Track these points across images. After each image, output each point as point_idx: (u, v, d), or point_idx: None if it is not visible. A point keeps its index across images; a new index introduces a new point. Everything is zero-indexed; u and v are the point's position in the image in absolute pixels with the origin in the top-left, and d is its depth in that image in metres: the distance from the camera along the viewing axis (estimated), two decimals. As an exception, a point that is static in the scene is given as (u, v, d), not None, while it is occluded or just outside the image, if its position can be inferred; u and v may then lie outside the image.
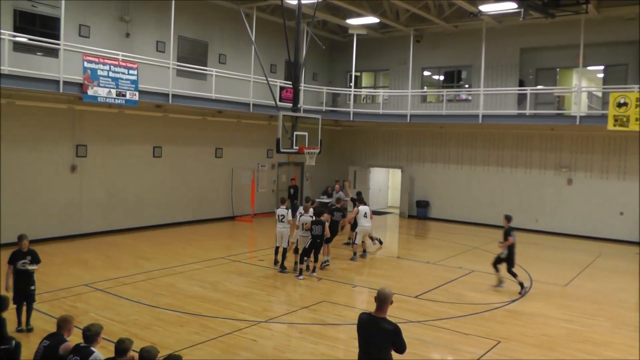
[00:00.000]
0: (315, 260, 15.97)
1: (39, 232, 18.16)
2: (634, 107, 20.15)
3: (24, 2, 17.72)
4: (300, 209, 17.03)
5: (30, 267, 10.67)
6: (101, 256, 17.21)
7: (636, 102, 20.12)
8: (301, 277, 15.47)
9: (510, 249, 15.11)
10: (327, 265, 16.79)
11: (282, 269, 16.08)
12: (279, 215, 16.48)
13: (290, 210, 16.70)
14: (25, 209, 17.90)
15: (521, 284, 14.86)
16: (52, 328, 7.43)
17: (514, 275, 15.02)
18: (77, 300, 12.64)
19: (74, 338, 7.28)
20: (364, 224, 18.30)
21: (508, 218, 15.62)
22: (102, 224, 20.60)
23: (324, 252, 16.54)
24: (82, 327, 6.98)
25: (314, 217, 15.99)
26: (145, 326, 11.07)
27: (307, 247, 15.78)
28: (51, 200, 18.91)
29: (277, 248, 16.56)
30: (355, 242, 18.40)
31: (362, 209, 18.42)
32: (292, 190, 26.16)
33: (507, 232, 15.14)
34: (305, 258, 15.95)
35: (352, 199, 20.24)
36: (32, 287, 10.74)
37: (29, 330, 10.53)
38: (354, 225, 18.84)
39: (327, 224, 16.10)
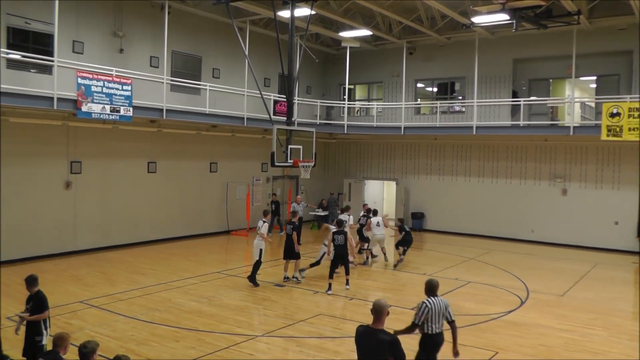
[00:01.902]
0: (347, 272, 16.10)
1: (33, 249, 18.12)
2: (627, 117, 20.24)
3: (17, 19, 17.73)
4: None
5: (21, 315, 8.90)
6: (96, 272, 17.14)
7: (628, 112, 20.23)
8: (330, 292, 15.40)
9: None
10: (296, 280, 16.77)
11: (254, 283, 16.02)
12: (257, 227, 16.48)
13: (267, 224, 16.45)
14: (19, 226, 17.81)
15: None
16: (48, 346, 7.38)
17: None
18: (72, 317, 12.57)
19: (71, 356, 7.24)
20: (377, 232, 19.14)
21: None
22: (97, 240, 20.53)
23: (295, 267, 16.82)
24: (78, 344, 6.94)
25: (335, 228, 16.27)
26: (141, 342, 11.01)
27: (333, 259, 15.90)
28: (45, 217, 18.84)
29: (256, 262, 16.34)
30: (370, 247, 19.58)
31: (375, 219, 19.27)
32: (273, 206, 25.92)
33: None
34: (337, 271, 16.18)
35: (364, 215, 20.40)
36: (38, 338, 8.82)
37: None
38: (363, 236, 19.75)
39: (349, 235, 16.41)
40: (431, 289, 8.47)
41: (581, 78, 25.54)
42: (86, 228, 20.16)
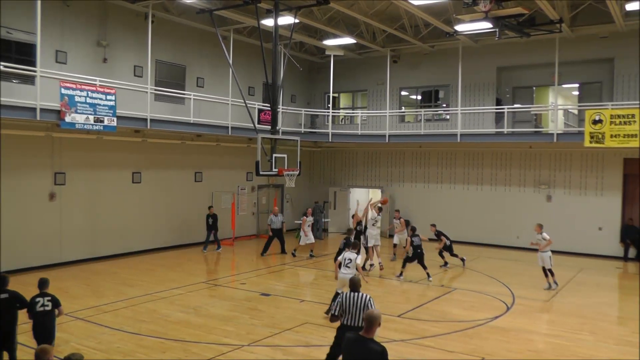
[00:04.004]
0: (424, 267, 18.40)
1: (18, 262, 17.91)
2: (609, 124, 20.43)
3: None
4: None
5: None
6: (82, 284, 17.00)
7: (610, 119, 20.41)
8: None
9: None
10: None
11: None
12: None
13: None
14: (3, 238, 17.60)
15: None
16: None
17: None
18: (57, 329, 12.38)
19: (55, 368, 7.16)
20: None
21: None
22: (82, 252, 20.35)
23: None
24: (62, 357, 6.86)
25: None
26: (127, 354, 10.93)
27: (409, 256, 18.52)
28: (30, 229, 18.65)
29: None
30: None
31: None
32: (210, 220, 23.39)
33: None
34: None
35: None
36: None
37: None
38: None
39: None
40: (351, 285, 9.09)
41: (564, 85, 25.76)
42: (71, 240, 20.00)
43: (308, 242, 22.43)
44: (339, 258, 13.87)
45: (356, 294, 8.78)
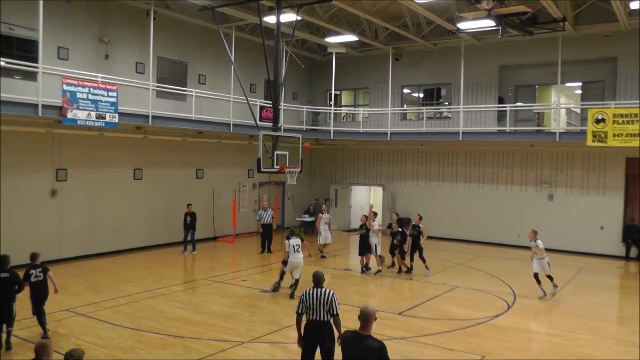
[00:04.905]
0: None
1: (19, 259, 17.80)
2: (612, 123, 20.39)
3: (1, 25, 17.59)
4: None
5: None
6: (82, 281, 17.02)
7: (613, 118, 20.38)
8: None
9: None
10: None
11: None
12: None
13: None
14: (4, 234, 17.58)
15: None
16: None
17: None
18: (58, 325, 12.47)
19: (55, 364, 7.15)
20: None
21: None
22: (82, 249, 20.39)
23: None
24: (63, 352, 6.85)
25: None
26: (127, 350, 10.94)
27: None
28: (31, 226, 18.66)
29: None
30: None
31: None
32: (188, 219, 22.19)
33: None
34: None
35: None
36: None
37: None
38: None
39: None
40: (314, 280, 8.96)
41: (567, 84, 25.69)
42: (72, 236, 20.02)
43: (325, 242, 22.09)
44: (287, 247, 15.84)
45: (319, 289, 8.70)
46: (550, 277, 16.30)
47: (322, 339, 8.53)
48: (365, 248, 19.11)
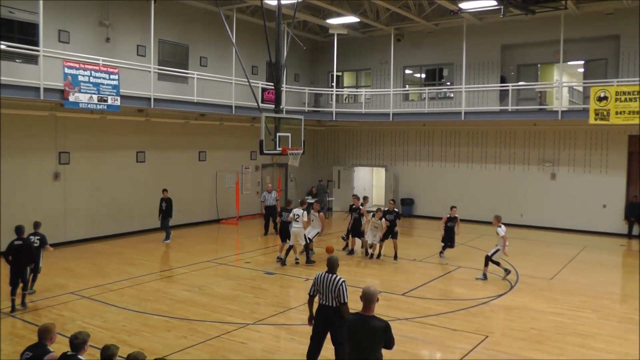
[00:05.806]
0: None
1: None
2: (614, 100, 20.35)
3: (1, 8, 17.53)
4: None
5: None
6: (87, 264, 17.09)
7: (616, 96, 20.33)
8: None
9: None
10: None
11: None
12: None
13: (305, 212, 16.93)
14: (7, 218, 17.63)
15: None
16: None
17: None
18: (63, 308, 12.55)
19: (60, 346, 7.21)
20: None
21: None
22: (86, 231, 20.47)
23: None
24: (68, 335, 6.90)
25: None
26: (132, 332, 11.01)
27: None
28: (35, 209, 18.63)
29: None
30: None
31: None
32: (164, 205, 20.89)
33: None
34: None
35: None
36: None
37: None
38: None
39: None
40: (328, 265, 8.90)
41: (569, 63, 25.58)
42: (76, 219, 20.09)
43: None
44: (290, 215, 16.97)
45: (331, 275, 8.66)
46: (495, 262, 15.89)
47: (330, 324, 8.56)
48: (357, 232, 19.08)
